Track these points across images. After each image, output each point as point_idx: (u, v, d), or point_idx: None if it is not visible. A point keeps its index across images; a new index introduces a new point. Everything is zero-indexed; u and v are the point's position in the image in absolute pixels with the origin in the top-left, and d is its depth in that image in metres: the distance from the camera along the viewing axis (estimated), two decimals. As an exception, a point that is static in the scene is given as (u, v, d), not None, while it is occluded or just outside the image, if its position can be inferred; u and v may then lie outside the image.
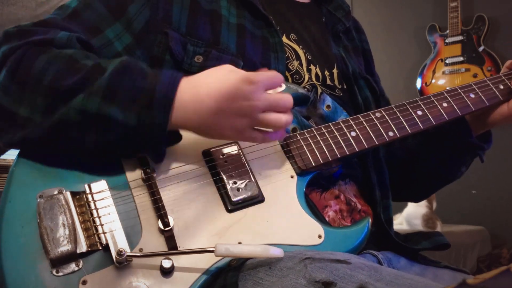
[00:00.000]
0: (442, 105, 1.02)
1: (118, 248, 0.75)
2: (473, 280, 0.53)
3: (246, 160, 0.89)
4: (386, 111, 0.98)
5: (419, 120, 0.99)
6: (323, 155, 0.91)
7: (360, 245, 0.87)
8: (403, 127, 0.97)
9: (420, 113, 1.00)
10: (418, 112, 1.00)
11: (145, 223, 0.80)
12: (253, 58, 0.99)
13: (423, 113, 1.00)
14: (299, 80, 1.04)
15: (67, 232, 0.76)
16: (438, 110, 1.01)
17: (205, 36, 0.97)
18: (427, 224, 2.76)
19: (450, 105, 1.02)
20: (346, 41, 1.19)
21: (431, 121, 0.99)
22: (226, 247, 0.76)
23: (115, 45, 0.91)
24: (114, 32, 0.91)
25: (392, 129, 0.96)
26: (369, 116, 0.97)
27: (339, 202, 0.98)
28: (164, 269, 0.75)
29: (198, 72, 0.86)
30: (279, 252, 0.76)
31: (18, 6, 1.86)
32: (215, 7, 1.01)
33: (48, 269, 0.74)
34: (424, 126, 0.99)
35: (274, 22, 1.04)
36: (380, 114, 0.98)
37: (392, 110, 0.99)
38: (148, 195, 0.82)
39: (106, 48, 0.91)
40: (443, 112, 1.01)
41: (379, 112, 0.98)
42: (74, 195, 0.80)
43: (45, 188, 0.80)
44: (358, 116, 0.97)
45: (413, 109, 1.00)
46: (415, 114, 0.99)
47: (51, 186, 0.80)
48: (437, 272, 1.02)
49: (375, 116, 0.97)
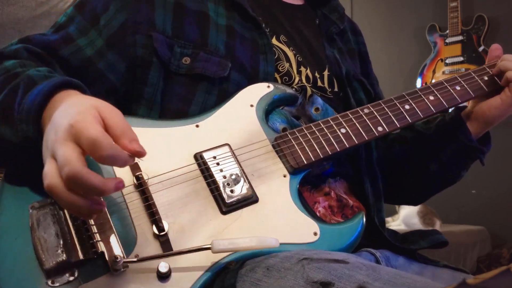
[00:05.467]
0: (429, 98, 1.03)
1: (113, 255, 0.74)
2: (473, 280, 0.53)
3: (238, 161, 0.89)
4: (374, 107, 0.99)
5: (407, 114, 0.99)
6: (314, 153, 0.91)
7: (356, 240, 0.87)
8: (392, 121, 0.98)
9: (407, 107, 1.01)
10: (405, 107, 1.00)
11: (140, 229, 0.79)
12: (243, 59, 1.00)
13: (411, 107, 1.01)
14: (289, 81, 1.04)
15: (61, 241, 0.75)
16: (425, 104, 1.02)
17: (192, 37, 0.97)
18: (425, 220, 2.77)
19: (437, 98, 1.03)
20: (340, 44, 1.20)
21: (419, 115, 1.00)
22: (222, 242, 0.76)
23: (85, 51, 0.96)
24: (87, 40, 0.97)
25: (381, 124, 0.97)
26: (358, 113, 0.98)
27: (328, 198, 0.98)
28: (161, 274, 0.74)
29: (186, 73, 0.88)
30: (275, 242, 0.76)
31: (18, 6, 1.86)
32: (202, 8, 1.01)
33: (44, 281, 0.73)
34: (412, 119, 1.00)
35: (264, 24, 1.05)
36: (369, 110, 0.99)
37: (380, 106, 0.99)
38: (141, 200, 0.81)
39: (75, 56, 0.95)
40: (430, 105, 1.02)
41: (367, 108, 0.99)
42: None
43: (37, 199, 0.79)
44: (347, 113, 0.97)
45: (401, 104, 1.01)
46: (403, 108, 1.00)
47: (43, 196, 0.80)
48: (436, 271, 1.02)
49: (364, 112, 0.98)
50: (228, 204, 0.83)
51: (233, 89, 0.98)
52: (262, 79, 1.01)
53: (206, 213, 0.83)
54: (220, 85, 0.97)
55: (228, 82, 0.98)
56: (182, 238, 0.80)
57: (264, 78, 1.01)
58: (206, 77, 0.96)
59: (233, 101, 0.97)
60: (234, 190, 0.85)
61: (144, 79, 0.96)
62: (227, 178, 0.86)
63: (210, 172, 0.86)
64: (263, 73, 1.01)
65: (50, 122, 0.71)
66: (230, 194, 0.84)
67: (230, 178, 0.86)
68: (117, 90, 0.98)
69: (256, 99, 0.98)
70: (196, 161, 0.87)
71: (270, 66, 1.02)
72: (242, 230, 0.82)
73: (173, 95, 0.96)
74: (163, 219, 0.79)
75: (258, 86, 1.00)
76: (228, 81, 0.98)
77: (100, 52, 0.96)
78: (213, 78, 0.96)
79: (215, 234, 0.81)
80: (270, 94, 0.99)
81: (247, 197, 0.85)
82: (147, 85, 0.96)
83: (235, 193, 0.85)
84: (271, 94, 0.99)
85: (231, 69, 0.98)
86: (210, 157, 0.87)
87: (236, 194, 0.85)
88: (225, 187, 0.85)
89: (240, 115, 0.96)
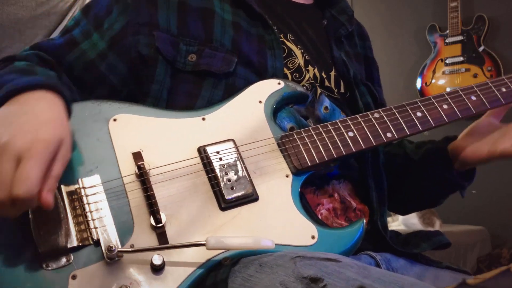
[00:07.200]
0: (442, 106, 1.00)
1: (108, 243, 0.74)
2: (473, 280, 0.52)
3: (241, 158, 0.88)
4: (385, 111, 0.97)
5: (418, 121, 0.97)
6: (319, 155, 0.90)
7: (353, 246, 0.86)
8: (402, 128, 0.96)
9: (419, 114, 0.98)
10: (417, 114, 0.98)
11: (137, 219, 0.79)
12: (249, 55, 0.99)
13: (423, 114, 0.98)
14: (299, 78, 1.03)
15: (58, 226, 0.76)
16: (438, 112, 1.00)
17: (197, 34, 0.97)
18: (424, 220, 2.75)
19: (451, 107, 1.01)
20: (347, 47, 1.18)
21: (431, 123, 0.98)
22: (217, 239, 0.76)
23: (88, 54, 0.99)
24: (90, 43, 0.99)
25: (391, 130, 0.95)
26: (368, 117, 0.96)
27: (332, 200, 0.97)
28: (154, 266, 0.75)
29: (192, 70, 0.92)
30: (270, 243, 0.76)
31: (18, 6, 1.88)
32: (207, 4, 1.01)
33: (38, 263, 0.74)
34: (423, 127, 0.98)
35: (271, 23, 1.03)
36: (379, 115, 0.97)
37: (391, 111, 0.98)
38: (141, 191, 0.81)
39: (80, 60, 0.99)
40: (443, 114, 1.00)
41: (377, 113, 0.97)
42: (66, 189, 0.80)
43: None
44: (356, 116, 0.96)
45: (413, 110, 0.98)
46: (414, 115, 0.98)
47: None
48: (438, 272, 1.01)
49: (374, 117, 0.96)
50: (227, 201, 0.83)
51: (241, 84, 0.97)
52: (271, 74, 0.99)
53: (205, 208, 0.83)
54: (227, 80, 0.96)
55: (234, 77, 0.97)
56: (178, 231, 0.80)
57: (273, 73, 1.00)
58: (212, 73, 0.95)
59: (241, 96, 0.96)
60: (234, 187, 0.84)
61: (150, 77, 0.96)
62: (229, 174, 0.85)
63: (212, 167, 0.85)
64: (271, 68, 1.00)
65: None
66: (230, 191, 0.84)
67: (232, 174, 0.85)
68: (118, 91, 0.99)
69: (266, 96, 0.97)
70: (199, 155, 0.87)
71: (278, 61, 1.00)
72: (239, 228, 0.82)
73: (179, 92, 0.96)
74: (161, 211, 0.79)
75: (269, 82, 0.98)
76: (234, 76, 0.97)
77: (102, 55, 0.98)
78: (218, 74, 0.96)
79: (212, 230, 0.81)
80: (280, 91, 0.98)
81: (247, 195, 0.84)
82: (153, 82, 0.96)
83: (236, 190, 0.84)
84: (281, 91, 0.98)
85: (237, 64, 0.97)
86: (214, 152, 0.87)
87: (236, 191, 0.84)
88: (226, 183, 0.84)
89: (248, 111, 0.95)
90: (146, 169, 0.82)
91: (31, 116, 0.74)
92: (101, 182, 0.81)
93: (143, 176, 0.82)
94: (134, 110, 0.90)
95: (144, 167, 0.82)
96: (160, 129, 0.89)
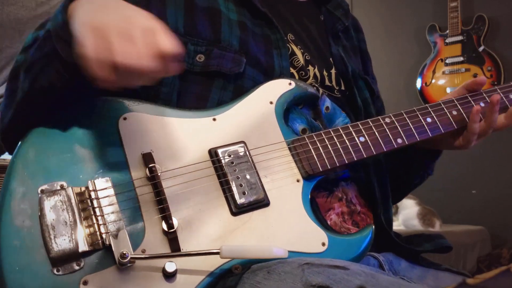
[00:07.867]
0: (452, 113, 1.01)
1: (121, 249, 0.73)
2: (473, 280, 0.53)
3: (253, 161, 0.87)
4: (396, 116, 0.97)
5: (428, 127, 0.98)
6: (330, 161, 0.89)
7: (363, 253, 0.86)
8: (412, 134, 0.96)
9: (429, 120, 0.98)
10: (427, 119, 0.98)
11: (149, 223, 0.78)
12: (257, 54, 0.97)
13: (433, 120, 0.99)
14: (305, 76, 1.02)
15: (69, 230, 0.75)
16: (447, 118, 1.00)
17: (205, 34, 0.95)
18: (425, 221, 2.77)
19: (460, 113, 1.01)
20: (345, 41, 1.17)
21: (440, 129, 0.99)
22: (231, 248, 0.75)
23: None
24: None
25: (401, 136, 0.95)
26: (379, 121, 0.96)
27: (341, 205, 0.98)
28: (167, 273, 0.74)
29: (201, 71, 0.90)
30: (283, 252, 0.76)
31: (18, 6, 1.83)
32: (212, 4, 0.98)
33: (49, 268, 0.72)
34: (432, 134, 0.98)
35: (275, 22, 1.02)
36: (390, 120, 0.96)
37: (402, 116, 0.97)
38: (153, 194, 0.80)
39: None
40: (452, 121, 1.00)
41: (388, 118, 0.97)
42: (76, 191, 0.78)
43: (46, 182, 0.78)
44: (368, 121, 0.95)
45: (423, 116, 0.98)
46: (425, 121, 0.98)
47: (53, 180, 0.78)
48: (438, 275, 1.03)
49: (385, 122, 0.96)
50: (239, 206, 0.82)
51: (249, 85, 0.96)
52: (279, 73, 0.98)
53: (216, 213, 0.82)
54: (236, 81, 0.95)
55: (243, 78, 0.95)
56: (189, 236, 0.79)
57: (280, 72, 0.99)
58: (222, 74, 0.94)
59: (252, 96, 0.95)
60: (246, 192, 0.84)
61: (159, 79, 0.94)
62: (240, 178, 0.84)
63: (224, 171, 0.84)
64: (278, 68, 0.99)
65: None
66: (242, 196, 0.83)
67: (244, 179, 0.84)
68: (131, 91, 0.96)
69: (276, 96, 0.95)
70: (211, 158, 0.86)
71: (284, 61, 0.99)
72: (251, 233, 0.81)
73: (189, 94, 0.94)
74: (173, 216, 0.78)
75: (280, 82, 0.97)
76: (243, 77, 0.95)
77: None
78: (228, 75, 0.94)
79: (223, 236, 0.80)
80: (291, 92, 0.96)
81: (259, 200, 0.84)
82: (162, 85, 0.93)
83: (247, 195, 0.83)
84: (292, 92, 0.97)
85: (246, 64, 0.95)
86: (225, 155, 0.86)
87: (248, 196, 0.83)
88: (238, 188, 0.83)
89: (259, 112, 0.93)
90: (158, 172, 0.81)
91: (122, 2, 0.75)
92: (111, 184, 0.79)
93: (154, 179, 0.80)
94: (145, 109, 0.88)
95: (156, 169, 0.81)
96: (170, 129, 0.87)
